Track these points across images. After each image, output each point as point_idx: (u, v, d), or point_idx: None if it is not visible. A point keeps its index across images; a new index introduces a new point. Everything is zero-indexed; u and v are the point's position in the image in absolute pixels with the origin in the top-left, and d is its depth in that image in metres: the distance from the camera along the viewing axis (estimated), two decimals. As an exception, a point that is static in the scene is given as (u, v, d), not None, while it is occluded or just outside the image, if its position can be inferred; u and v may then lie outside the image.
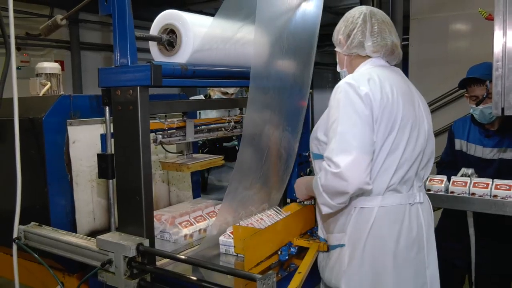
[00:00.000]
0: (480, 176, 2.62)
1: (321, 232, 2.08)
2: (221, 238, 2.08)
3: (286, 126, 2.26)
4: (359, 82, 1.80)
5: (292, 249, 2.05)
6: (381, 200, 1.85)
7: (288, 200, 2.70)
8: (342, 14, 2.02)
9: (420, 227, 1.92)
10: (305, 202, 2.33)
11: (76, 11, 1.99)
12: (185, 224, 2.22)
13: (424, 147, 1.95)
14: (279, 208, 2.30)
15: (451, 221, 2.97)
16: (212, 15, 2.03)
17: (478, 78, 2.75)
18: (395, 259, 1.85)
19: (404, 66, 6.53)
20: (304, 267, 1.90)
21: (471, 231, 2.60)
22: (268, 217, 2.18)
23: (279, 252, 2.00)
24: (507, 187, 2.27)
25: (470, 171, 2.69)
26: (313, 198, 2.18)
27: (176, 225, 2.22)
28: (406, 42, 6.89)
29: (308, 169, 2.64)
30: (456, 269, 2.91)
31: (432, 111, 5.94)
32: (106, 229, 2.17)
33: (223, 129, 2.36)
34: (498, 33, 1.97)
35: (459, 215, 2.70)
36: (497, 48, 1.98)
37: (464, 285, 3.15)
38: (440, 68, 5.71)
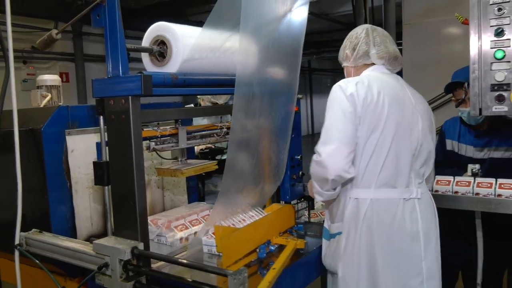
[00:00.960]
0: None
1: (326, 224, 2.19)
2: (204, 238, 2.14)
3: (275, 131, 2.29)
4: (347, 84, 1.98)
5: (271, 247, 2.13)
6: (373, 193, 1.99)
7: (282, 203, 2.73)
8: (338, 21, 2.11)
9: (415, 221, 2.01)
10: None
11: (71, 25, 2.03)
12: (180, 228, 2.25)
13: (418, 145, 2.04)
14: (260, 209, 2.34)
15: (444, 220, 2.97)
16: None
17: (461, 81, 2.80)
18: (385, 247, 1.97)
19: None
20: (279, 263, 1.95)
21: (479, 234, 2.59)
22: (250, 218, 2.23)
23: (258, 250, 2.07)
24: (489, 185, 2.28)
25: (477, 166, 2.66)
26: None
27: (172, 229, 2.24)
28: (399, 47, 6.91)
29: (300, 172, 2.66)
30: (452, 267, 2.92)
31: (427, 113, 5.96)
32: (103, 234, 2.20)
33: (215, 135, 2.38)
34: (473, 37, 2.01)
35: (453, 214, 2.71)
36: (473, 51, 2.02)
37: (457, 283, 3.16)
38: (433, 71, 5.73)
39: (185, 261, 1.86)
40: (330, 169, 1.90)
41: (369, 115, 1.94)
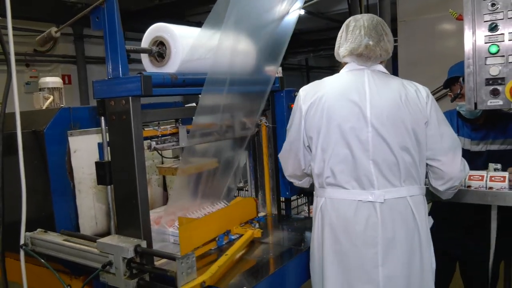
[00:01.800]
0: (470, 167, 2.60)
1: None
2: (171, 229, 2.22)
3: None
4: (303, 88, 2.10)
5: (231, 236, 2.22)
6: (328, 193, 1.99)
7: (282, 199, 2.72)
8: (334, 19, 2.08)
9: (373, 225, 1.89)
10: None
11: (73, 27, 2.02)
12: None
13: (371, 147, 1.90)
14: (226, 202, 2.45)
15: (443, 212, 2.96)
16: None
17: (455, 76, 2.79)
18: (332, 245, 1.96)
19: (393, 66, 6.55)
20: (232, 250, 2.00)
21: (493, 224, 2.48)
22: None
23: (217, 239, 2.14)
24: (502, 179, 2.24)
25: (499, 165, 2.58)
26: None
27: (175, 226, 2.24)
28: (395, 44, 6.91)
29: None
30: (447, 256, 2.91)
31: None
32: (108, 233, 2.20)
33: (215, 133, 2.37)
34: (467, 33, 2.00)
35: (452, 204, 2.70)
36: (468, 47, 2.01)
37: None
38: (428, 67, 5.72)
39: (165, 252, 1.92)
40: (285, 171, 2.29)
41: (311, 119, 1.99)
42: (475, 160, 2.78)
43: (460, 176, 2.03)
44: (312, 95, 2.00)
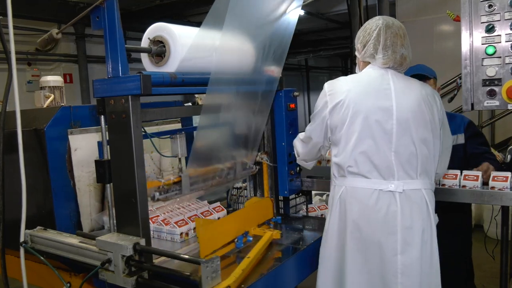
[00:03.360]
0: None
1: None
2: (167, 227, 2.23)
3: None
4: (329, 82, 2.11)
5: (248, 238, 2.17)
6: (349, 181, 2.05)
7: (281, 198, 2.72)
8: (334, 20, 2.08)
9: (393, 214, 1.97)
10: None
11: (74, 27, 2.02)
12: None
13: (394, 139, 1.98)
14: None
15: None
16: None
17: (423, 74, 2.83)
18: (353, 232, 2.01)
19: (392, 67, 6.54)
20: (253, 252, 1.97)
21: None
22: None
23: (236, 240, 2.11)
24: (475, 178, 2.30)
25: None
26: None
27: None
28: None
29: (297, 168, 2.66)
30: None
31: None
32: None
33: (217, 177, 2.30)
34: (465, 34, 2.00)
35: None
36: (465, 48, 2.01)
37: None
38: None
39: (186, 256, 1.84)
40: (300, 157, 2.35)
41: (337, 111, 2.02)
42: None
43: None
44: (339, 90, 2.04)
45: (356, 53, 2.20)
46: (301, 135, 2.33)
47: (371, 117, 1.99)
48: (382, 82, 2.05)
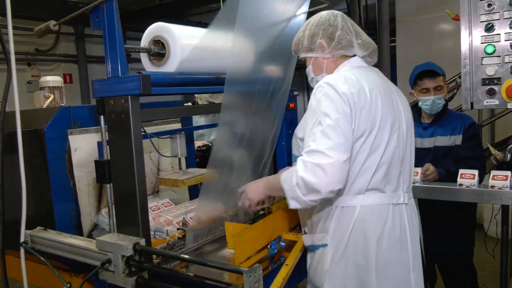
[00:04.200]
0: (420, 163, 2.67)
1: (306, 232, 2.02)
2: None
3: (262, 129, 2.27)
4: (337, 82, 1.73)
5: (281, 243, 2.06)
6: (362, 199, 1.77)
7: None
8: None
9: (403, 228, 1.83)
10: (252, 210, 2.13)
11: (74, 27, 2.01)
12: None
13: (403, 146, 1.85)
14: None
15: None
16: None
17: (431, 70, 2.88)
18: (377, 259, 1.77)
19: (392, 66, 6.55)
20: (291, 259, 1.91)
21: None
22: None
23: (269, 246, 2.02)
24: (471, 176, 2.31)
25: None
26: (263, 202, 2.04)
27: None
28: (393, 44, 6.93)
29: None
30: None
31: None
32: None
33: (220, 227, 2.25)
34: (464, 33, 2.00)
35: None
36: (464, 47, 2.01)
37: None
38: (426, 67, 5.73)
39: (199, 259, 1.82)
40: (331, 179, 1.60)
41: (364, 117, 1.71)
42: (424, 157, 2.91)
43: None
44: (358, 91, 1.72)
45: (313, 54, 1.92)
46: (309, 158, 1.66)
47: (393, 123, 1.80)
48: (386, 83, 1.91)
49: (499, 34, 1.95)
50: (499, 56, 1.96)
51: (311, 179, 1.61)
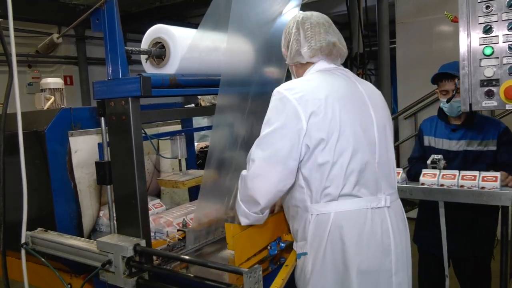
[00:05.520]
0: (448, 166, 2.69)
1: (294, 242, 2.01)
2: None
3: (258, 128, 2.25)
4: (290, 90, 1.73)
5: (281, 244, 2.06)
6: (336, 205, 1.75)
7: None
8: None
9: (385, 232, 1.79)
10: None
11: (74, 29, 2.03)
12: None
13: (377, 147, 1.82)
14: None
15: (421, 213, 3.13)
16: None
17: (449, 73, 2.83)
18: (357, 264, 1.73)
19: (392, 68, 6.56)
20: (291, 260, 1.92)
21: (442, 220, 2.65)
22: None
23: (269, 247, 2.02)
24: (473, 177, 2.31)
25: (439, 156, 2.73)
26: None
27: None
28: (393, 45, 6.94)
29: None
30: (434, 256, 2.96)
31: (420, 109, 5.98)
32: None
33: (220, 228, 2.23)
34: (462, 35, 2.00)
35: (429, 206, 2.81)
36: (463, 48, 2.01)
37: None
38: (426, 68, 5.70)
39: (199, 260, 1.82)
40: (259, 191, 1.71)
41: (319, 124, 1.69)
42: (452, 160, 2.87)
43: None
44: (312, 98, 1.71)
45: (287, 61, 1.97)
46: (246, 172, 1.78)
47: (357, 126, 1.76)
48: (353, 86, 1.88)
49: (497, 35, 1.96)
50: (497, 57, 1.96)
51: (245, 192, 1.77)
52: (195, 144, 3.58)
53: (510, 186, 2.40)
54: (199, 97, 3.82)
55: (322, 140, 1.70)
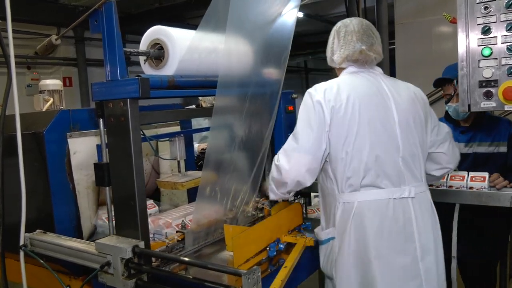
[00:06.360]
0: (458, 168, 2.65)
1: (319, 229, 2.16)
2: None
3: (256, 129, 2.28)
4: (316, 91, 1.98)
5: (280, 245, 2.09)
6: (359, 195, 1.95)
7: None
8: (333, 22, 2.07)
9: (408, 221, 1.95)
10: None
11: (73, 31, 2.03)
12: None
13: (399, 142, 1.97)
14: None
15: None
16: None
17: (448, 78, 2.83)
18: (377, 249, 1.91)
19: (391, 68, 6.56)
20: (290, 261, 1.93)
21: (455, 223, 2.60)
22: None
23: (268, 248, 2.03)
24: (482, 179, 2.30)
25: None
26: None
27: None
28: (392, 46, 6.95)
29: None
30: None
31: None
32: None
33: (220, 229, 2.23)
34: (461, 35, 2.00)
35: (441, 208, 2.74)
36: (461, 49, 2.01)
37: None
38: (426, 68, 5.73)
39: (198, 262, 1.82)
40: (289, 175, 1.96)
41: (340, 121, 1.92)
42: (461, 162, 2.81)
43: (458, 160, 2.25)
44: (335, 98, 1.94)
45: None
46: (276, 159, 2.04)
47: (376, 123, 1.95)
48: (376, 85, 2.04)
49: (495, 36, 1.96)
50: (496, 58, 1.96)
51: (275, 177, 2.02)
52: (196, 145, 3.58)
53: (498, 188, 2.39)
54: (200, 98, 3.82)
55: (343, 135, 1.93)
